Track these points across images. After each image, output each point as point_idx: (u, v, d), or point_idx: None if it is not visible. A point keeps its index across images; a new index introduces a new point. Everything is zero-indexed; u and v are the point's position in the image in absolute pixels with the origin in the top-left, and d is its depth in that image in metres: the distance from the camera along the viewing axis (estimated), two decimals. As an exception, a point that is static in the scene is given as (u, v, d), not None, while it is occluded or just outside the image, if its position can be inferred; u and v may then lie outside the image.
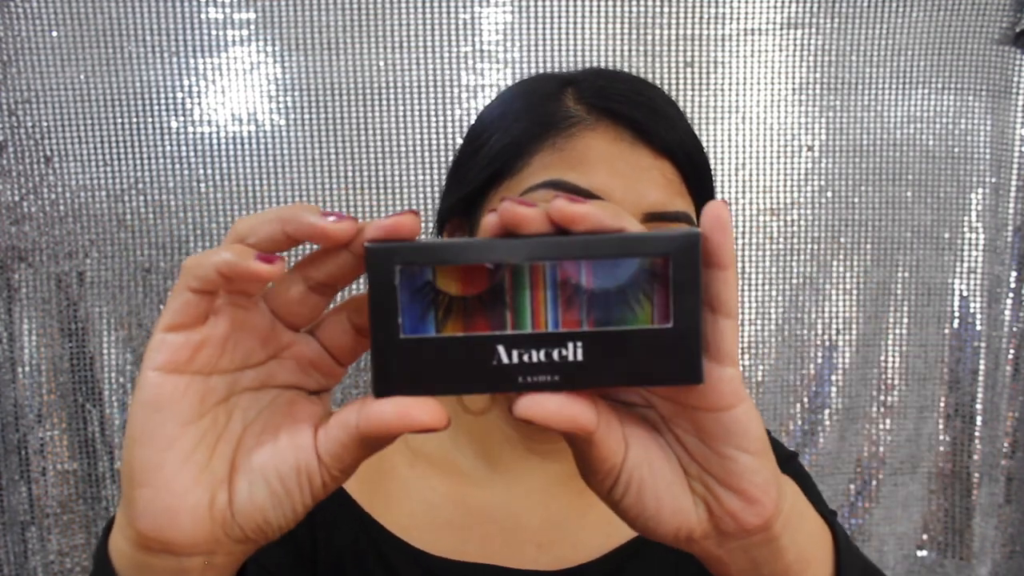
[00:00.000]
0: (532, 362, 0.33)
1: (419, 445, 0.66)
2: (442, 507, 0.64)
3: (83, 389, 1.07)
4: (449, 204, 0.65)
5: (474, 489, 0.65)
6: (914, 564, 1.20)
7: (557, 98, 0.61)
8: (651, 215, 0.57)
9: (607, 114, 0.59)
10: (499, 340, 0.33)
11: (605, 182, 0.57)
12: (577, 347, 0.33)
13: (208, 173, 1.05)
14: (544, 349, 0.33)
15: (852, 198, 1.14)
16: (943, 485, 1.20)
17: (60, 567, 1.08)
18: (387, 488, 0.64)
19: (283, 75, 1.05)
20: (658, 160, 0.59)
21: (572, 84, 0.62)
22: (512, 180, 0.59)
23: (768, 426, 1.15)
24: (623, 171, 0.57)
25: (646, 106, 0.60)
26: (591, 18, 1.07)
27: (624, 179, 0.57)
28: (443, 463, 0.66)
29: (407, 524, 0.63)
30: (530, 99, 0.62)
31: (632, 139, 0.59)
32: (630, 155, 0.58)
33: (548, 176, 0.57)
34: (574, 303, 0.34)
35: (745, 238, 1.13)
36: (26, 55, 1.02)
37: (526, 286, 0.34)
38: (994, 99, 1.15)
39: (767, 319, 1.14)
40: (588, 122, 0.59)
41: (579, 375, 0.33)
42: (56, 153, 1.04)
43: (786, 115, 1.12)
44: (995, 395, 1.18)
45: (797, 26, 1.11)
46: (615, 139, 0.59)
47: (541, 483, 0.65)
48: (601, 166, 0.57)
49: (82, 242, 1.05)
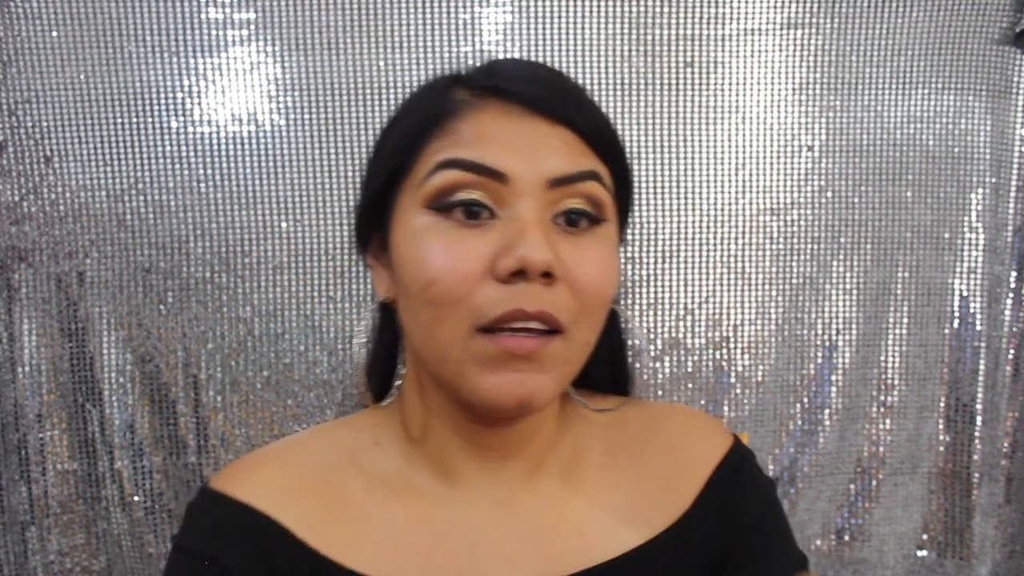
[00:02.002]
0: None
1: (375, 470, 0.63)
2: (404, 532, 0.61)
3: (83, 389, 1.07)
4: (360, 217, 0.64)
5: (436, 508, 0.62)
6: (914, 564, 1.20)
7: (447, 90, 0.60)
8: (555, 180, 0.56)
9: (493, 92, 0.58)
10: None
11: (500, 154, 0.55)
12: None
13: (208, 173, 1.05)
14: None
15: (852, 198, 1.14)
16: (943, 485, 1.20)
17: (60, 567, 1.08)
18: (346, 520, 0.61)
19: (283, 75, 1.05)
20: (554, 127, 0.57)
21: (461, 77, 0.61)
22: (410, 176, 0.58)
23: (768, 426, 1.15)
24: (518, 143, 0.56)
25: (533, 80, 0.59)
26: (591, 18, 1.07)
27: (520, 150, 0.56)
28: (400, 485, 0.63)
29: (372, 555, 0.60)
30: (424, 96, 0.62)
31: (523, 111, 0.57)
32: (523, 126, 0.57)
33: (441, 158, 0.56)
34: None
35: (745, 238, 1.13)
36: (26, 55, 1.02)
37: None
38: (994, 99, 1.15)
39: (767, 319, 1.14)
40: (474, 103, 0.58)
41: None
42: (56, 153, 1.04)
43: (786, 115, 1.12)
44: (995, 395, 1.19)
45: (797, 26, 1.11)
46: (505, 113, 0.57)
47: (500, 494, 0.63)
48: (493, 140, 0.56)
49: (82, 242, 1.05)
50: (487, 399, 0.55)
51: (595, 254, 0.57)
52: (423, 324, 0.56)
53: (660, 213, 1.11)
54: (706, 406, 1.14)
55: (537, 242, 0.53)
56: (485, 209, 0.55)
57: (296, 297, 1.07)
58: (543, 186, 0.55)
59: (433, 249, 0.55)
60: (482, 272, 0.54)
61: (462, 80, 0.61)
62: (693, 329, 1.13)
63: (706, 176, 1.11)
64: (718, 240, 1.12)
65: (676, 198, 1.11)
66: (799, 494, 1.17)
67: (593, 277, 0.56)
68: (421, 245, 0.55)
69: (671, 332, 1.13)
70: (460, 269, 0.54)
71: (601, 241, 0.58)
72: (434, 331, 0.55)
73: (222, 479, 0.62)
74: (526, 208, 0.55)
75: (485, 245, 0.54)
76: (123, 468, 1.08)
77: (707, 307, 1.13)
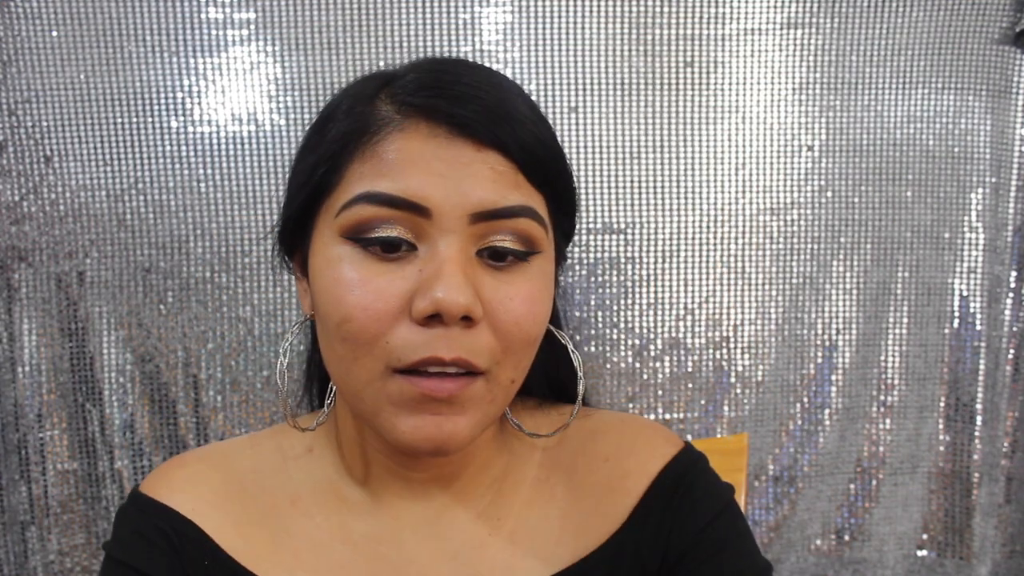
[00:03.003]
0: None
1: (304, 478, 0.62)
2: (327, 546, 0.59)
3: (83, 389, 1.07)
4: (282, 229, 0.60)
5: (361, 522, 0.60)
6: (914, 564, 1.20)
7: (370, 102, 0.55)
8: (479, 215, 0.51)
9: (417, 111, 0.53)
10: None
11: (420, 185, 0.51)
12: None
13: (208, 173, 1.05)
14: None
15: (852, 198, 1.14)
16: (943, 485, 1.20)
17: (60, 567, 1.08)
18: (269, 530, 0.60)
19: (283, 75, 1.05)
20: (482, 152, 0.52)
21: (388, 84, 0.56)
22: (330, 199, 0.54)
23: (768, 426, 1.15)
24: (440, 170, 0.51)
25: (462, 96, 0.53)
26: (591, 18, 1.07)
27: (442, 178, 0.51)
28: (328, 495, 0.61)
29: (292, 567, 0.58)
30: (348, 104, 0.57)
31: (448, 134, 0.52)
32: (446, 151, 0.52)
33: (360, 189, 0.52)
34: None
35: (745, 238, 1.13)
36: (26, 55, 1.02)
37: None
38: (994, 99, 1.15)
39: (767, 319, 1.14)
40: (396, 123, 0.53)
41: None
42: (56, 153, 1.04)
43: (786, 115, 1.12)
44: (995, 395, 1.19)
45: (797, 26, 1.11)
46: (428, 136, 0.52)
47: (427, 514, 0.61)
48: (413, 168, 0.52)
49: (82, 242, 1.05)
50: (403, 441, 0.52)
51: (521, 291, 0.53)
52: (339, 359, 0.53)
53: (660, 213, 1.11)
54: (706, 406, 1.14)
55: (455, 284, 0.49)
56: (404, 243, 0.52)
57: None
58: (467, 220, 0.51)
59: (349, 284, 0.51)
60: (398, 310, 0.51)
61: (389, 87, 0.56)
62: (693, 329, 1.13)
63: (706, 176, 1.11)
64: (718, 240, 1.12)
65: (676, 198, 1.11)
66: (799, 494, 1.17)
67: (518, 316, 0.52)
68: (337, 278, 0.52)
69: (671, 332, 1.13)
70: (376, 307, 0.51)
71: (530, 276, 0.54)
72: (350, 368, 0.53)
73: (149, 481, 0.61)
74: (447, 245, 0.51)
75: (403, 281, 0.51)
76: (123, 468, 1.08)
77: (707, 307, 1.13)
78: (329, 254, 0.53)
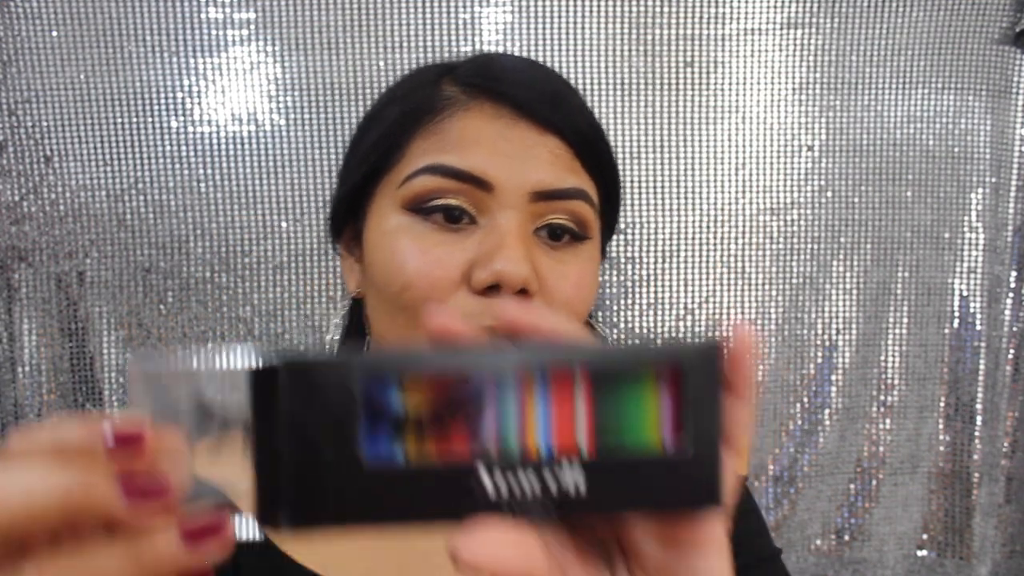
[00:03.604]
0: (523, 492, 0.28)
1: None
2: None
3: (83, 389, 1.07)
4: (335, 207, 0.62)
5: None
6: (914, 564, 1.20)
7: (434, 85, 0.57)
8: (539, 194, 0.54)
9: (483, 92, 0.56)
10: (486, 467, 0.28)
11: (485, 162, 0.53)
12: (578, 475, 0.28)
13: (208, 173, 1.05)
14: (538, 477, 0.28)
15: (852, 198, 1.14)
16: (943, 485, 1.20)
17: (60, 567, 1.08)
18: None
19: (283, 75, 1.05)
20: (543, 136, 0.55)
21: (451, 71, 0.59)
22: (390, 173, 0.56)
23: (768, 426, 1.15)
24: (504, 149, 0.54)
25: (526, 83, 0.57)
26: (591, 18, 1.07)
27: (506, 157, 0.53)
28: None
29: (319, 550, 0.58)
30: (408, 87, 0.60)
31: (512, 116, 0.55)
32: (511, 132, 0.55)
33: (425, 162, 0.54)
34: (568, 419, 0.29)
35: (745, 238, 1.13)
36: (26, 55, 1.02)
37: (512, 402, 0.29)
38: (994, 99, 1.15)
39: (767, 319, 1.14)
40: (463, 102, 0.56)
41: (578, 503, 0.28)
42: (56, 153, 1.04)
43: (786, 115, 1.12)
44: (995, 395, 1.18)
45: (797, 26, 1.11)
46: (493, 117, 0.55)
47: None
48: (479, 146, 0.54)
49: (82, 242, 1.05)
50: None
51: (575, 271, 0.55)
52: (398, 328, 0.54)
53: (660, 213, 1.11)
54: (706, 406, 1.14)
55: (515, 256, 0.51)
56: (466, 215, 0.53)
57: (296, 297, 1.07)
58: (528, 198, 0.54)
59: (409, 252, 0.53)
60: (458, 279, 0.52)
61: (452, 73, 0.58)
62: (693, 329, 1.13)
63: (706, 176, 1.11)
64: (718, 240, 1.12)
65: (676, 198, 1.11)
66: (799, 494, 1.17)
67: (570, 295, 0.54)
68: (397, 247, 0.54)
69: (671, 332, 1.13)
70: (435, 274, 0.52)
71: (582, 259, 0.56)
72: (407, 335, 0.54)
73: None
74: (508, 219, 0.53)
75: (463, 252, 0.52)
76: (123, 468, 1.08)
77: (707, 307, 1.13)
78: (388, 225, 0.55)
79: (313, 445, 0.27)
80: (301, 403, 0.27)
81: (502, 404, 0.29)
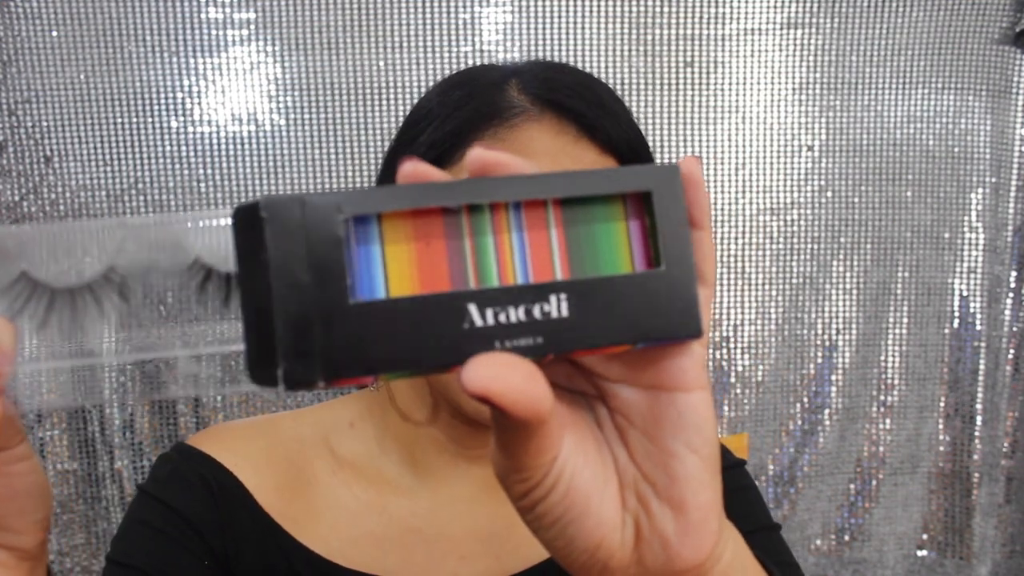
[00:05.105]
0: (511, 322, 0.27)
1: (344, 451, 0.64)
2: (363, 517, 0.61)
3: (83, 389, 1.07)
4: None
5: (398, 498, 0.63)
6: (914, 564, 1.20)
7: (501, 88, 0.58)
8: None
9: (552, 106, 0.57)
10: (470, 298, 0.27)
11: None
12: (560, 301, 0.28)
13: (208, 173, 1.05)
14: (523, 305, 0.28)
15: (852, 198, 1.14)
16: (943, 485, 1.20)
17: (60, 567, 1.08)
18: (307, 498, 0.62)
19: (283, 75, 1.05)
20: (603, 156, 0.57)
21: (516, 75, 0.59)
22: (450, 169, 0.56)
23: (768, 426, 1.15)
24: (567, 166, 0.55)
25: (592, 100, 0.58)
26: (591, 18, 1.07)
27: None
28: (368, 470, 0.63)
29: (326, 535, 0.60)
30: (471, 88, 0.59)
31: (577, 133, 0.56)
32: (574, 149, 0.56)
33: None
34: (543, 249, 0.29)
35: (745, 238, 1.13)
36: (26, 55, 1.02)
37: (488, 232, 0.28)
38: (994, 99, 1.15)
39: (767, 319, 1.14)
40: (533, 113, 0.56)
41: (565, 335, 0.28)
42: (56, 153, 1.04)
43: (786, 115, 1.12)
44: (995, 395, 1.19)
45: (797, 26, 1.11)
46: (559, 132, 0.56)
47: (467, 491, 0.63)
48: (544, 159, 0.55)
49: (82, 242, 1.05)
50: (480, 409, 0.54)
51: None
52: None
53: (660, 213, 1.11)
54: (706, 406, 1.14)
55: None
56: None
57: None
58: None
59: None
60: None
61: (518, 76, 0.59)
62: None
63: (706, 176, 1.11)
64: (718, 240, 1.12)
65: (676, 198, 1.11)
66: (799, 494, 1.17)
67: None
68: None
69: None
70: None
71: None
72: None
73: (196, 436, 0.64)
74: None
75: None
76: (123, 468, 1.08)
77: (707, 307, 1.13)
78: None
79: (300, 286, 0.26)
80: (284, 240, 0.26)
81: (479, 236, 0.28)
